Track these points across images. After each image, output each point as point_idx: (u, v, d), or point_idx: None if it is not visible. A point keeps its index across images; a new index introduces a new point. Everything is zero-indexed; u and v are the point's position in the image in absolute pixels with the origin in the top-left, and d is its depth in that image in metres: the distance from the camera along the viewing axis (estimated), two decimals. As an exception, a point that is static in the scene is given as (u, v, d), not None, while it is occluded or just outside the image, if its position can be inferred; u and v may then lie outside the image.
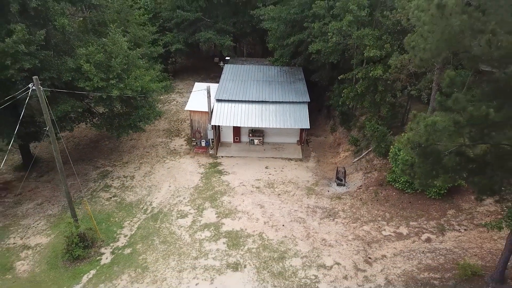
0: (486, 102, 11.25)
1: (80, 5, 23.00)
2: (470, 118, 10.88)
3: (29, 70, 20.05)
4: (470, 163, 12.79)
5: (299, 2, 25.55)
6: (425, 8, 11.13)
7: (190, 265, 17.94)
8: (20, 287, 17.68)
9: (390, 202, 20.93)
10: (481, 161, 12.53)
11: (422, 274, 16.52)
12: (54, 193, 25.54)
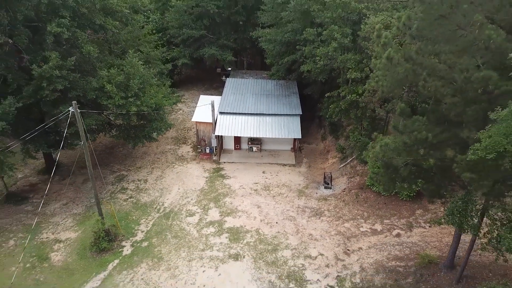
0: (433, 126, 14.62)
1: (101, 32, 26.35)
2: (415, 140, 14.26)
3: (60, 90, 23.51)
4: (422, 173, 16.17)
5: (292, 27, 28.98)
6: (379, 56, 14.50)
7: (198, 256, 21.34)
8: (57, 274, 21.09)
9: (368, 203, 24.32)
10: (430, 171, 15.90)
11: (390, 263, 19.89)
12: (77, 195, 28.95)
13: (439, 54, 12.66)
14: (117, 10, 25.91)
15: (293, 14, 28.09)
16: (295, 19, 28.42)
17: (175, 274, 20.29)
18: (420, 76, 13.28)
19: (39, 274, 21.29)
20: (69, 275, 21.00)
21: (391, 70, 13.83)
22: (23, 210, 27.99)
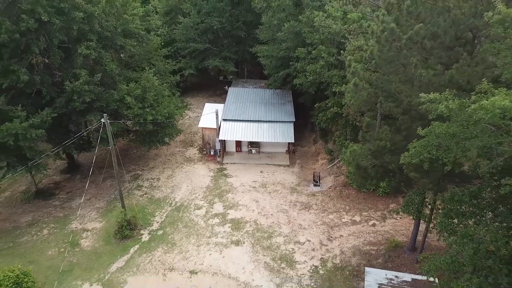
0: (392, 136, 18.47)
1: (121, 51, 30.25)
2: (377, 147, 18.15)
3: (87, 102, 27.40)
4: (386, 173, 20.06)
5: (286, 46, 32.86)
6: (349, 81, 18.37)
7: (205, 242, 25.24)
8: (87, 257, 25.01)
9: (350, 198, 28.21)
10: (392, 171, 19.78)
11: (365, 247, 23.78)
12: (98, 191, 32.86)
13: (391, 82, 16.54)
14: (135, 32, 29.84)
15: (287, 34, 32.02)
16: (288, 39, 32.37)
17: (186, 256, 24.21)
18: (379, 98, 17.20)
19: (72, 256, 25.21)
20: (98, 257, 24.93)
21: (358, 93, 17.71)
22: (51, 204, 31.94)
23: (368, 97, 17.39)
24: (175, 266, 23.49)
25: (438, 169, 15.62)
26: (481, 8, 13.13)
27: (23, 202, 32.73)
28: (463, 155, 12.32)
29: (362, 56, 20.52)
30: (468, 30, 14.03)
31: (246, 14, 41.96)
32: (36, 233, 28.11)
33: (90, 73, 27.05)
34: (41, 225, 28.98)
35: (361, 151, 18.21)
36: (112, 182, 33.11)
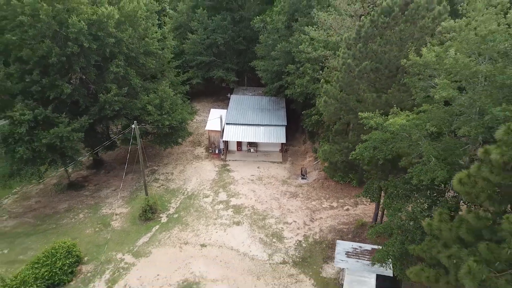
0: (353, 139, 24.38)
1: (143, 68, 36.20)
2: (343, 148, 24.11)
3: (116, 110, 33.37)
4: (352, 167, 26.00)
5: (278, 62, 38.79)
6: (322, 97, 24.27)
7: (212, 223, 31.23)
8: (118, 234, 30.99)
9: (329, 189, 34.18)
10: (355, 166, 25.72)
11: (339, 226, 29.76)
12: (121, 183, 38.85)
13: (350, 100, 22.48)
14: (154, 52, 35.82)
15: (279, 53, 37.97)
16: (280, 57, 38.30)
17: (197, 234, 30.21)
18: (342, 111, 23.18)
19: (106, 234, 31.21)
20: (126, 234, 30.93)
21: (327, 107, 23.67)
22: (82, 194, 37.99)
23: (335, 110, 23.34)
24: (189, 241, 29.51)
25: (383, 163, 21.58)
26: (404, 54, 19.08)
27: (58, 193, 38.78)
28: (390, 153, 18.30)
29: (335, 74, 26.46)
30: (397, 67, 19.97)
31: (246, 31, 47.88)
32: (74, 217, 34.17)
33: (118, 86, 33.09)
34: (77, 211, 35.04)
35: (331, 150, 24.17)
36: (133, 176, 39.17)
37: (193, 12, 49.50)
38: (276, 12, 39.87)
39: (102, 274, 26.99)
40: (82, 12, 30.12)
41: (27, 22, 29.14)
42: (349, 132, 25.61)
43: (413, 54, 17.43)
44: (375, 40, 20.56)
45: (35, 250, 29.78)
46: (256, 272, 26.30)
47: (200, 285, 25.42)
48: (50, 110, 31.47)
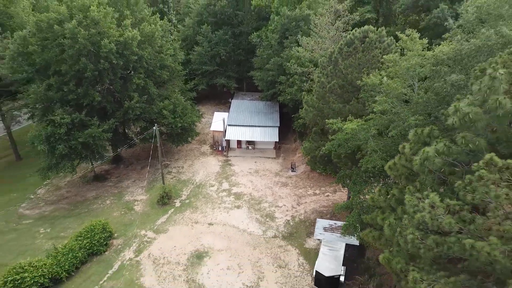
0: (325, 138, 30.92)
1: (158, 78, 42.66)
2: (319, 145, 30.66)
3: (137, 114, 39.85)
4: (328, 160, 32.53)
5: (272, 73, 45.35)
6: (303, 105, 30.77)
7: (217, 206, 37.78)
8: (140, 216, 37.54)
9: (314, 179, 40.76)
10: (330, 159, 32.25)
11: (320, 208, 36.35)
12: (139, 176, 45.40)
13: (324, 109, 29.00)
14: (168, 66, 42.32)
15: (273, 66, 44.50)
16: (274, 69, 44.83)
17: (205, 215, 36.77)
18: (318, 117, 29.75)
19: (130, 216, 37.77)
20: (147, 216, 37.46)
21: (307, 114, 30.20)
22: (106, 185, 44.51)
23: (313, 116, 29.90)
24: (199, 221, 36.10)
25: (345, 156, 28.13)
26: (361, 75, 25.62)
27: (84, 184, 45.32)
28: (349, 149, 24.87)
29: (314, 88, 32.96)
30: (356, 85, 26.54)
31: (245, 43, 54.33)
32: (102, 203, 40.73)
33: (139, 94, 39.60)
34: (104, 198, 41.60)
35: (310, 147, 30.71)
36: (149, 169, 45.66)
37: (198, 26, 55.91)
38: (270, 30, 46.42)
39: (130, 246, 33.57)
40: (111, 35, 36.58)
41: (67, 43, 35.60)
42: (325, 133, 32.09)
43: (365, 77, 23.99)
44: (341, 64, 27.11)
45: (73, 229, 36.33)
46: (253, 244, 32.90)
47: (209, 254, 32.01)
48: (84, 114, 38.02)
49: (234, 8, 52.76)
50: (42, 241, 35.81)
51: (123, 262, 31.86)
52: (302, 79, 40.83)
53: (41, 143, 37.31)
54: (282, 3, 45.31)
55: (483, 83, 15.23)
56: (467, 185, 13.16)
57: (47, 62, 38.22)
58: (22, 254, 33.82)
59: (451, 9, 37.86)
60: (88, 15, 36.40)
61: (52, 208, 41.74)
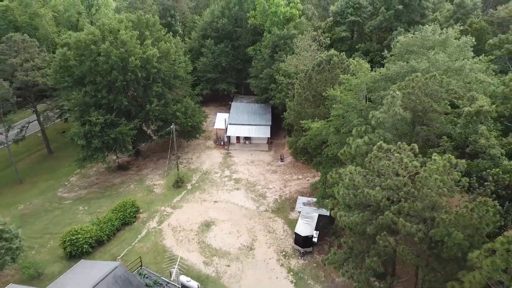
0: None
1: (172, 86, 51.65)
2: (299, 139, 39.82)
3: (156, 115, 48.89)
4: (307, 151, 41.73)
5: (265, 82, 54.36)
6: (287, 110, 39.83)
7: (220, 189, 46.93)
8: (159, 197, 46.63)
9: (298, 168, 49.95)
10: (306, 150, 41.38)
11: (301, 189, 45.52)
12: (156, 165, 54.49)
13: (302, 112, 38.07)
14: (180, 76, 51.33)
15: (265, 76, 53.55)
16: (266, 79, 53.86)
17: (211, 195, 45.88)
18: (298, 118, 38.88)
19: (151, 196, 46.86)
20: (165, 196, 46.57)
21: (289, 116, 39.30)
22: (129, 173, 53.61)
23: (294, 118, 38.98)
24: (206, 199, 45.22)
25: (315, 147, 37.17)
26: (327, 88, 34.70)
27: (110, 172, 54.34)
28: (318, 142, 34.00)
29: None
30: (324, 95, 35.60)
31: (242, 55, 63.27)
32: (127, 187, 49.82)
33: (157, 99, 48.63)
34: (128, 183, 50.70)
35: (292, 141, 39.77)
36: (164, 160, 54.72)
37: (202, 40, 64.77)
38: (263, 46, 55.41)
39: (153, 218, 42.70)
40: (136, 53, 45.54)
41: (102, 60, 44.55)
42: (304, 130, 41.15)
43: (329, 90, 33.08)
44: (314, 78, 36.22)
45: (106, 206, 45.39)
46: (249, 216, 42.08)
47: (214, 223, 41.16)
48: (114, 115, 47.06)
49: (234, 25, 61.66)
50: (82, 216, 44.89)
51: (149, 229, 41.01)
52: (288, 87, 49.87)
53: (80, 139, 46.37)
54: (273, 23, 54.30)
55: (388, 99, 24.39)
56: (371, 159, 22.28)
57: (83, 73, 47.21)
58: (68, 225, 42.73)
59: (407, 30, 46.90)
60: (118, 37, 45.36)
61: (86, 192, 50.84)
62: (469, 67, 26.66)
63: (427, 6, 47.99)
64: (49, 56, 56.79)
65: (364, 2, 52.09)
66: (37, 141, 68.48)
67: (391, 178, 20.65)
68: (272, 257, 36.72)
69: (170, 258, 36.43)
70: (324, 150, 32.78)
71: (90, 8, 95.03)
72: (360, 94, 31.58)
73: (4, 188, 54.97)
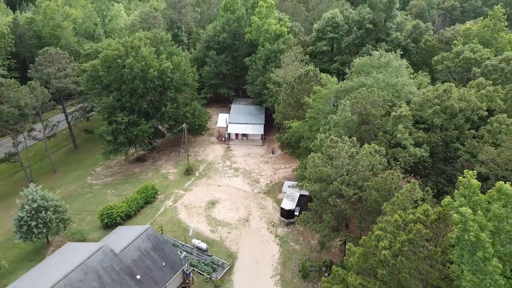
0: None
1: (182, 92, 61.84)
2: (283, 136, 50.19)
3: (169, 116, 59.11)
4: (290, 145, 52.01)
5: (259, 87, 64.51)
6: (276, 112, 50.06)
7: (223, 176, 57.18)
8: (172, 182, 56.87)
9: (286, 159, 60.25)
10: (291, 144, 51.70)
11: (288, 176, 55.79)
12: (168, 157, 64.75)
13: (287, 113, 48.27)
14: (189, 83, 61.51)
15: (259, 83, 63.75)
16: (260, 85, 64.03)
17: (215, 181, 56.12)
18: (284, 119, 49.16)
19: (166, 182, 57.10)
20: (177, 182, 56.80)
21: (277, 117, 49.55)
22: (146, 164, 63.90)
23: (280, 119, 49.16)
24: (211, 184, 55.52)
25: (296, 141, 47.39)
26: (304, 96, 44.93)
27: (129, 164, 64.56)
28: (298, 137, 44.26)
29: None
30: (302, 102, 45.86)
31: (240, 64, 73.37)
32: (145, 175, 60.09)
33: (171, 103, 58.82)
34: (146, 172, 60.98)
35: (279, 136, 49.92)
36: (175, 153, 64.98)
37: (206, 50, 74.78)
38: (257, 58, 65.56)
39: (169, 198, 52.96)
40: (154, 65, 55.64)
41: (126, 72, 54.67)
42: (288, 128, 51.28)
43: (305, 98, 43.31)
44: (295, 88, 46.45)
45: (130, 190, 55.61)
46: (245, 196, 52.40)
47: (218, 202, 51.42)
48: (135, 116, 57.26)
49: (233, 39, 71.71)
50: (111, 197, 55.10)
51: (166, 207, 51.27)
52: (277, 93, 60.03)
53: (108, 135, 56.58)
54: (266, 39, 64.36)
55: (341, 106, 34.66)
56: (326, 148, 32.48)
57: (110, 81, 57.34)
58: (100, 205, 52.85)
59: (374, 46, 57.11)
60: (139, 53, 55.48)
61: (111, 179, 61.11)
62: (402, 82, 36.84)
63: (391, 26, 58.15)
64: (77, 65, 67.05)
65: (341, 22, 62.17)
66: (64, 137, 78.75)
67: (337, 160, 30.92)
68: (263, 227, 47.00)
69: (184, 228, 46.77)
70: (301, 144, 42.98)
71: (104, 19, 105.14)
72: (329, 101, 41.77)
73: (42, 176, 65.20)
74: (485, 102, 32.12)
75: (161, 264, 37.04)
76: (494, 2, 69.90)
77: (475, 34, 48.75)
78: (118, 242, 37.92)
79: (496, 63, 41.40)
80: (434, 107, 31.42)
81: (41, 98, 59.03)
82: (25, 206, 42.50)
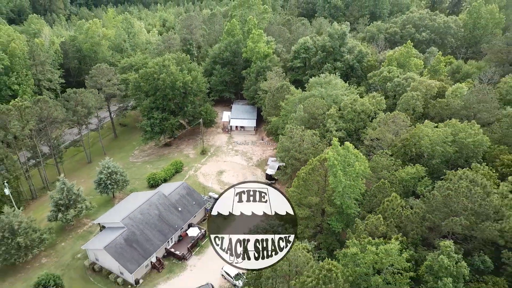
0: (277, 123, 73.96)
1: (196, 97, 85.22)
2: (273, 126, 73.84)
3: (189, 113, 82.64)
4: (275, 133, 75.68)
5: (253, 93, 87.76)
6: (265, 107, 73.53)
7: (227, 155, 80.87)
8: (193, 159, 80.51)
9: (271, 144, 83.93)
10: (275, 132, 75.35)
11: (272, 155, 79.60)
12: (188, 143, 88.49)
13: (270, 112, 71.77)
14: (202, 90, 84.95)
15: (252, 90, 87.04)
16: (253, 91, 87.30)
17: (222, 158, 79.80)
18: (268, 116, 72.83)
19: (188, 159, 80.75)
20: (196, 158, 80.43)
21: (264, 114, 73.11)
22: (172, 148, 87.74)
23: (266, 115, 72.55)
24: (219, 160, 79.21)
25: (275, 130, 70.98)
26: (280, 101, 68.47)
27: (159, 148, 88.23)
28: (278, 127, 67.91)
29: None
30: (279, 105, 69.28)
31: (239, 75, 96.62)
32: (173, 154, 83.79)
33: (190, 104, 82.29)
34: (173, 153, 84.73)
35: (266, 127, 73.23)
36: (193, 140, 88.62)
37: (213, 64, 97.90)
38: (251, 71, 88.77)
39: (191, 169, 76.75)
40: (179, 79, 78.94)
41: (160, 84, 78.03)
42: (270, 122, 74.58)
43: (281, 102, 66.85)
44: (275, 95, 70.01)
45: (164, 164, 79.20)
46: (243, 168, 76.19)
47: (225, 171, 75.19)
48: (166, 114, 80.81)
49: (233, 56, 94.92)
50: (151, 169, 78.73)
51: (190, 175, 74.99)
52: (264, 98, 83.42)
53: (148, 127, 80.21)
54: (257, 58, 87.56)
55: (298, 108, 58.42)
56: (287, 132, 56.13)
57: (148, 90, 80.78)
58: (144, 174, 76.49)
59: (333, 65, 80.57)
60: (169, 70, 78.79)
61: (148, 158, 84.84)
62: (336, 94, 60.22)
63: (344, 50, 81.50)
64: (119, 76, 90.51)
65: (310, 46, 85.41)
66: (105, 129, 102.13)
67: (293, 138, 54.48)
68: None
69: (203, 187, 70.54)
70: (278, 132, 66.56)
71: (129, 35, 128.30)
72: (295, 105, 65.23)
73: (95, 157, 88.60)
74: (374, 106, 55.64)
75: (192, 202, 60.91)
76: (423, 30, 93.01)
77: (395, 58, 71.89)
78: (166, 190, 61.70)
79: (400, 80, 64.88)
80: (348, 109, 54.86)
81: (99, 101, 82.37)
82: (103, 171, 65.97)
